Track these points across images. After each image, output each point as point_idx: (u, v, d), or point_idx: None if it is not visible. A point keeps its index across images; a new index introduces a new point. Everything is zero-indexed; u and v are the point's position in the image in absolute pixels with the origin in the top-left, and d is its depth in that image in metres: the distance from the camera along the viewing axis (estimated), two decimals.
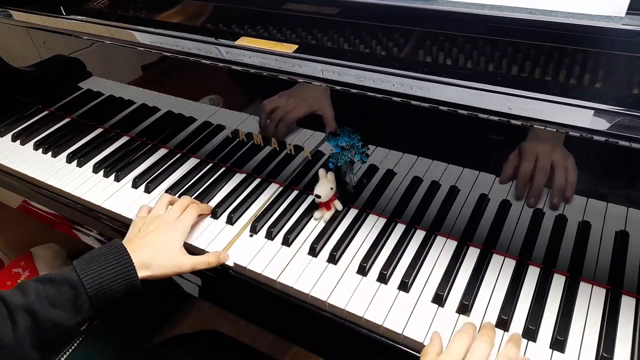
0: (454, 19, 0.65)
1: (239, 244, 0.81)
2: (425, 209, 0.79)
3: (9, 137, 1.15)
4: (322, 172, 0.83)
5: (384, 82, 0.67)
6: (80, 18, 0.93)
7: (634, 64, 0.59)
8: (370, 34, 0.76)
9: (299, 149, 0.87)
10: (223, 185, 0.94)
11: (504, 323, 0.66)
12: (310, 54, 0.73)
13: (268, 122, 0.86)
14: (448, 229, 0.79)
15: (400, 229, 0.81)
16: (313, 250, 0.78)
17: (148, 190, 0.95)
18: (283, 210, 0.86)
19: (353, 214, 0.85)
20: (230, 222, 0.85)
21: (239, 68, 0.79)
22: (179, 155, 1.03)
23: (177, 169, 1.00)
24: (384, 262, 0.75)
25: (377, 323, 0.68)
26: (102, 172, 1.00)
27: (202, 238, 0.83)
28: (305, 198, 0.89)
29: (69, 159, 1.04)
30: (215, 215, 0.87)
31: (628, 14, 0.56)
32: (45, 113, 1.22)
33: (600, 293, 0.69)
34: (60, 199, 0.99)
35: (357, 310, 0.69)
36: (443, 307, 0.69)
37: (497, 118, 0.62)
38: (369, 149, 0.79)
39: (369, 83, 0.68)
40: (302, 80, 0.75)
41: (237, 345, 0.94)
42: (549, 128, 0.60)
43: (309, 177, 0.89)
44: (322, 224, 0.84)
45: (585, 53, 0.62)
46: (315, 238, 0.80)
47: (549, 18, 0.59)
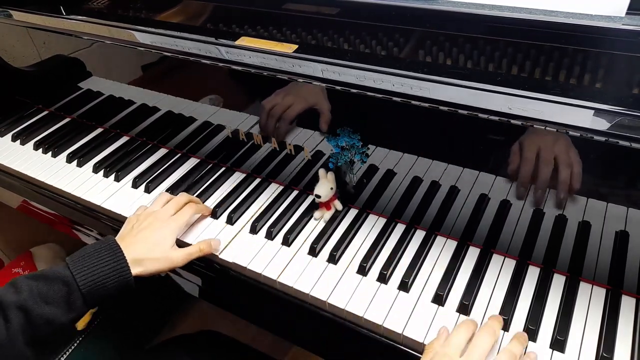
0: (454, 19, 0.65)
1: (239, 244, 0.81)
2: (425, 209, 0.79)
3: (9, 137, 1.15)
4: (322, 172, 0.83)
5: (384, 82, 0.67)
6: (80, 18, 0.93)
7: (634, 64, 0.59)
8: (370, 34, 0.76)
9: (299, 149, 0.87)
10: (223, 185, 0.94)
11: (504, 323, 0.66)
12: (310, 54, 0.73)
13: (267, 120, 0.86)
14: (448, 229, 0.79)
15: (400, 229, 0.81)
16: (313, 250, 0.78)
17: (148, 190, 0.95)
18: (283, 210, 0.86)
19: (353, 214, 0.85)
20: (230, 222, 0.85)
21: (239, 68, 0.79)
22: (179, 155, 1.03)
23: (177, 169, 1.00)
24: (384, 262, 0.75)
25: (377, 323, 0.68)
26: (102, 172, 1.00)
27: (202, 238, 0.83)
28: (305, 198, 0.89)
29: (69, 159, 1.05)
30: (215, 215, 0.87)
31: (628, 14, 0.56)
32: (45, 113, 1.22)
33: (600, 293, 0.69)
34: (60, 199, 0.99)
35: (357, 310, 0.69)
36: (443, 306, 0.69)
37: (497, 118, 0.62)
38: (369, 149, 0.79)
39: (369, 83, 0.68)
40: (302, 80, 0.75)
41: (237, 345, 0.93)
42: (549, 128, 0.60)
43: (309, 177, 0.89)
44: (322, 224, 0.84)
45: (586, 53, 0.62)
46: (315, 238, 0.80)
47: (549, 18, 0.59)
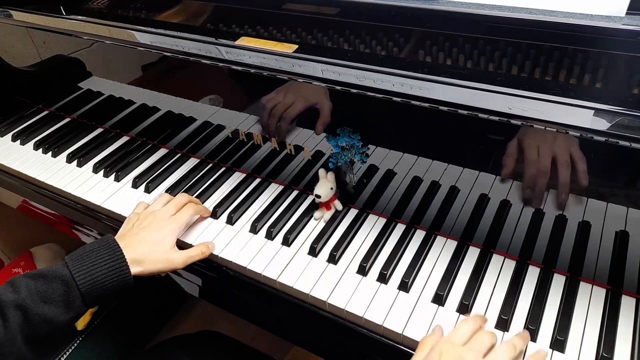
0: (454, 19, 0.65)
1: (239, 244, 0.81)
2: (425, 209, 0.79)
3: (9, 137, 1.15)
4: (322, 172, 0.83)
5: (384, 82, 0.67)
6: (80, 18, 0.93)
7: (634, 64, 0.59)
8: (370, 34, 0.76)
9: (299, 149, 0.87)
10: (223, 185, 0.94)
11: (504, 323, 0.66)
12: (310, 54, 0.73)
13: (267, 120, 0.86)
14: (448, 229, 0.79)
15: (400, 229, 0.81)
16: (313, 250, 0.78)
17: (148, 190, 0.95)
18: (283, 210, 0.86)
19: (353, 214, 0.85)
20: (230, 222, 0.85)
21: (239, 68, 0.79)
22: (179, 155, 1.03)
23: (177, 169, 1.00)
24: (384, 262, 0.75)
25: (377, 323, 0.68)
26: (102, 172, 1.00)
27: (202, 238, 0.83)
28: (305, 198, 0.89)
29: (69, 159, 1.05)
30: (215, 215, 0.87)
31: (628, 14, 0.57)
32: (45, 113, 1.22)
33: (600, 293, 0.69)
34: (60, 199, 0.99)
35: (357, 310, 0.69)
36: (443, 306, 0.69)
37: (497, 118, 0.62)
38: (369, 149, 0.79)
39: (369, 83, 0.68)
40: (302, 80, 0.75)
41: (237, 345, 0.94)
42: (549, 128, 0.60)
43: (309, 177, 0.89)
44: (322, 224, 0.84)
45: (586, 53, 0.63)
46: (315, 238, 0.80)
47: (549, 18, 0.59)
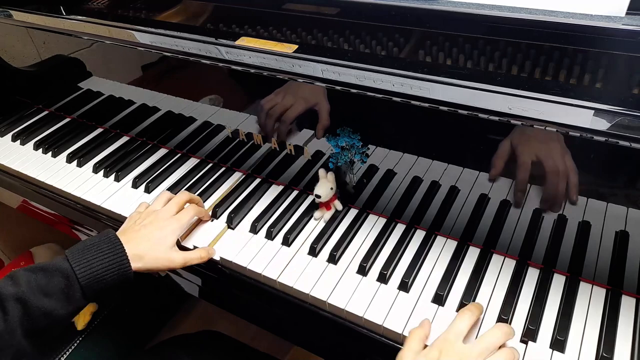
0: (454, 19, 0.65)
1: (239, 244, 0.81)
2: (425, 209, 0.79)
3: (9, 137, 1.15)
4: (322, 172, 0.83)
5: (384, 82, 0.67)
6: (80, 18, 0.93)
7: (634, 64, 0.59)
8: (370, 34, 0.76)
9: (299, 149, 0.87)
10: (223, 185, 0.94)
11: (504, 323, 0.66)
12: (310, 54, 0.73)
13: (267, 120, 0.86)
14: (448, 229, 0.79)
15: (400, 229, 0.81)
16: (313, 250, 0.78)
17: (148, 190, 0.95)
18: (283, 210, 0.86)
19: (353, 214, 0.85)
20: (230, 222, 0.85)
21: (239, 68, 0.79)
22: (179, 155, 1.03)
23: (177, 169, 1.00)
24: (384, 262, 0.75)
25: (377, 323, 0.68)
26: (102, 172, 1.00)
27: (201, 238, 0.83)
28: (305, 198, 0.89)
29: (69, 159, 1.05)
30: (216, 215, 0.87)
31: (628, 14, 0.56)
32: (45, 113, 1.22)
33: (600, 293, 0.69)
34: (60, 199, 0.99)
35: (357, 310, 0.69)
36: (443, 306, 0.69)
37: (497, 118, 0.62)
38: (369, 149, 0.79)
39: (369, 83, 0.68)
40: (302, 81, 0.75)
41: (237, 345, 0.94)
42: (549, 128, 0.60)
43: (309, 177, 0.89)
44: (322, 224, 0.84)
45: (586, 53, 0.63)
46: (315, 238, 0.80)
47: (549, 18, 0.59)
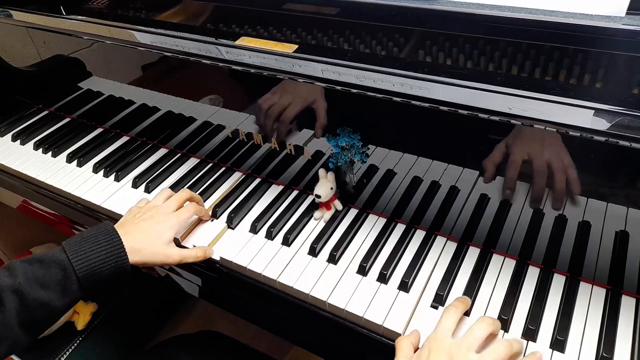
0: (454, 19, 0.65)
1: (239, 244, 0.81)
2: (425, 209, 0.79)
3: (9, 137, 1.15)
4: (322, 172, 0.83)
5: (384, 82, 0.67)
6: (80, 18, 0.93)
7: (634, 64, 0.59)
8: (370, 34, 0.76)
9: (299, 149, 0.87)
10: (223, 185, 0.94)
11: (504, 323, 0.66)
12: (311, 54, 0.73)
13: (266, 120, 0.86)
14: (448, 229, 0.79)
15: (400, 229, 0.81)
16: (313, 250, 0.78)
17: (148, 190, 0.95)
18: (283, 210, 0.86)
19: (353, 214, 0.85)
20: (230, 222, 0.85)
21: (239, 68, 0.79)
22: (179, 155, 1.03)
23: (177, 169, 1.00)
24: (384, 262, 0.75)
25: (377, 323, 0.68)
26: (102, 172, 1.00)
27: (201, 238, 0.83)
28: (305, 198, 0.89)
29: (69, 159, 1.05)
30: (216, 215, 0.87)
31: (628, 14, 0.57)
32: (45, 113, 1.22)
33: (600, 293, 0.69)
34: (60, 199, 0.99)
35: (357, 310, 0.69)
36: (443, 306, 0.69)
37: (497, 118, 0.62)
38: (369, 149, 0.79)
39: (369, 83, 0.68)
40: (302, 80, 0.75)
41: (237, 345, 0.94)
42: (549, 128, 0.60)
43: (309, 177, 0.89)
44: (322, 224, 0.84)
45: (586, 53, 0.63)
46: (315, 238, 0.80)
47: (549, 18, 0.59)
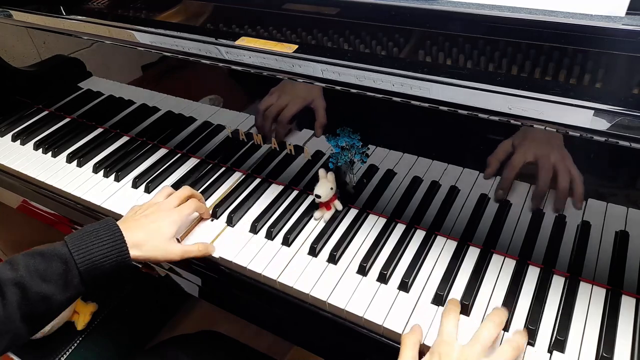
0: (454, 19, 0.65)
1: (239, 244, 0.81)
2: (425, 209, 0.79)
3: (9, 137, 1.15)
4: (322, 172, 0.83)
5: (384, 82, 0.67)
6: (80, 18, 0.93)
7: (634, 64, 0.59)
8: (370, 34, 0.76)
9: (299, 149, 0.87)
10: (223, 185, 0.94)
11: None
12: (310, 54, 0.73)
13: (265, 120, 0.86)
14: (448, 229, 0.79)
15: (400, 229, 0.81)
16: (313, 250, 0.78)
17: (148, 190, 0.95)
18: (283, 210, 0.86)
19: (353, 214, 0.85)
20: (230, 222, 0.85)
21: (239, 68, 0.79)
22: (179, 155, 1.03)
23: (177, 169, 1.00)
24: (384, 262, 0.75)
25: (377, 323, 0.68)
26: (102, 172, 1.00)
27: (202, 238, 0.83)
28: (305, 198, 0.89)
29: (69, 159, 1.05)
30: (216, 215, 0.87)
31: (628, 14, 0.56)
32: (45, 113, 1.22)
33: (600, 293, 0.69)
34: (60, 199, 0.99)
35: (357, 310, 0.69)
36: (443, 306, 0.69)
37: (497, 118, 0.62)
38: (369, 149, 0.79)
39: (369, 83, 0.68)
40: (302, 80, 0.75)
41: (237, 345, 0.94)
42: (549, 128, 0.60)
43: (309, 177, 0.89)
44: (322, 224, 0.84)
45: (585, 53, 0.63)
46: (315, 238, 0.80)
47: (549, 18, 0.59)
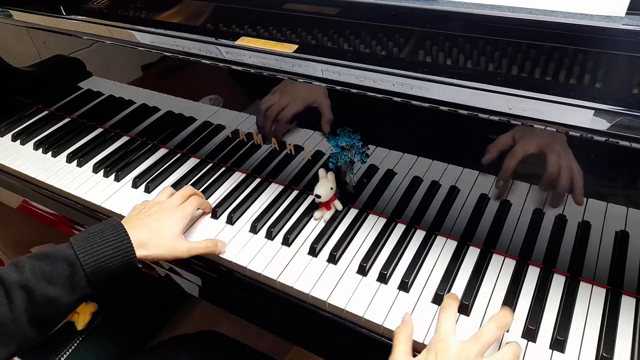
0: (454, 19, 0.65)
1: (239, 244, 0.81)
2: (425, 209, 0.79)
3: (9, 137, 1.15)
4: (322, 172, 0.83)
5: (384, 82, 0.67)
6: (80, 18, 0.93)
7: (634, 64, 0.59)
8: (370, 34, 0.76)
9: (299, 149, 0.87)
10: (223, 185, 0.94)
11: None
12: (311, 54, 0.73)
13: (265, 120, 0.86)
14: (448, 229, 0.79)
15: (400, 229, 0.81)
16: (313, 250, 0.78)
17: (148, 190, 0.95)
18: (283, 210, 0.86)
19: (353, 214, 0.85)
20: (230, 222, 0.85)
21: (239, 68, 0.79)
22: (179, 155, 1.03)
23: (177, 169, 1.00)
24: (384, 262, 0.75)
25: (377, 323, 0.68)
26: (102, 172, 1.00)
27: (201, 237, 0.83)
28: (305, 198, 0.89)
29: (69, 159, 1.05)
30: (215, 215, 0.87)
31: (628, 14, 0.57)
32: (45, 113, 1.22)
33: (600, 293, 0.69)
34: (60, 199, 0.99)
35: (357, 310, 0.69)
36: None
37: (497, 118, 0.62)
38: (369, 149, 0.79)
39: (369, 83, 0.68)
40: (302, 80, 0.75)
41: (237, 345, 0.93)
42: (549, 128, 0.60)
43: (309, 177, 0.89)
44: (322, 224, 0.84)
45: (586, 53, 0.63)
46: (315, 238, 0.80)
47: (549, 18, 0.59)
